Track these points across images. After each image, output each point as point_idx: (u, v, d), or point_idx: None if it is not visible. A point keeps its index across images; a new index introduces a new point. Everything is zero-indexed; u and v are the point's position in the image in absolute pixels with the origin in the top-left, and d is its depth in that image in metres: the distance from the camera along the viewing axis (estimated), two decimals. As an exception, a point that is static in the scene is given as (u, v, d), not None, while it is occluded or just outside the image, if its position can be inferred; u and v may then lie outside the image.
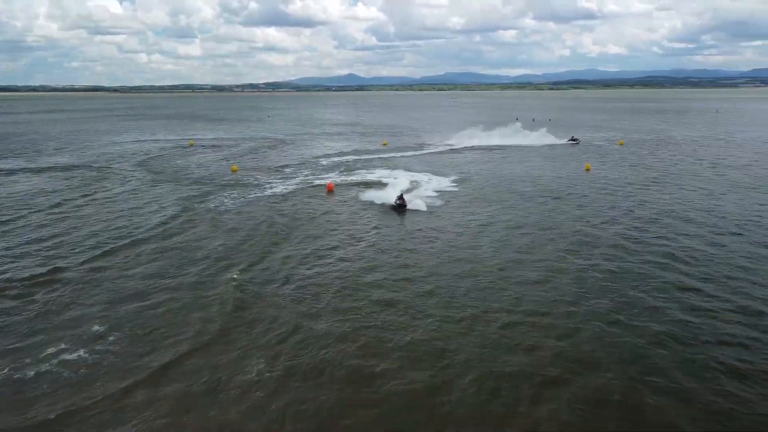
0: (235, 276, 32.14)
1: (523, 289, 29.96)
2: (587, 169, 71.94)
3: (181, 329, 25.45)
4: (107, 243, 39.08)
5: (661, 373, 21.28)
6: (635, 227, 42.68)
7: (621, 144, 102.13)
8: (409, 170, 71.16)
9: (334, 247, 38.05)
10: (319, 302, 28.46)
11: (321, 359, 22.65)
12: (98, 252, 36.97)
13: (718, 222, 43.79)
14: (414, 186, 58.85)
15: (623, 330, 24.80)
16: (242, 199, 54.27)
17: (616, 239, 39.14)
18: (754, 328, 24.91)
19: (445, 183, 61.92)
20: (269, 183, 63.70)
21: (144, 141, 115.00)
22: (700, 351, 22.98)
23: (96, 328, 25.50)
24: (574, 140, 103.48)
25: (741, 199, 52.83)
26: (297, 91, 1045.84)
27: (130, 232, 42.06)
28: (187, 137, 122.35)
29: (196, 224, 44.67)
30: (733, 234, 40.25)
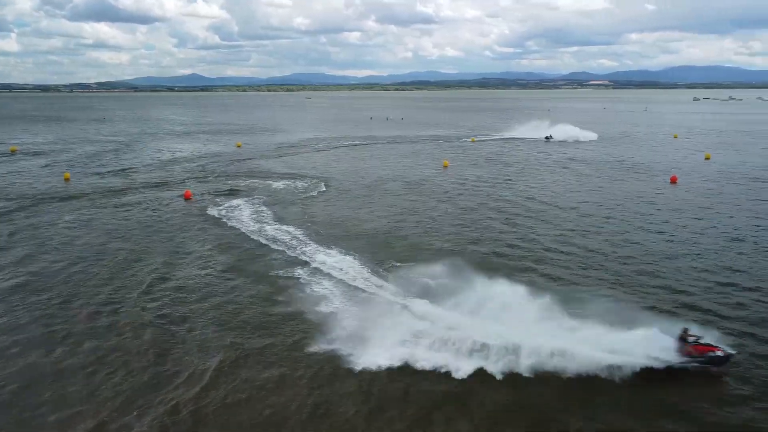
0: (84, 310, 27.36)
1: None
2: (444, 166, 73.94)
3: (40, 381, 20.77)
4: None
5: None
6: (487, 218, 44.93)
7: (473, 141, 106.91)
8: (271, 172, 68.13)
9: (203, 272, 33.73)
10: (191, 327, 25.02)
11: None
12: None
13: (565, 209, 47.05)
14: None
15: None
16: (79, 215, 47.11)
17: (468, 230, 40.45)
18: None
19: (310, 184, 59.81)
20: (112, 193, 56.53)
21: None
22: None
23: None
24: (548, 138, 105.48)
25: (591, 188, 57.43)
26: (135, 91, 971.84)
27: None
28: (6, 143, 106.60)
29: (19, 249, 37.39)
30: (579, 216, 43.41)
